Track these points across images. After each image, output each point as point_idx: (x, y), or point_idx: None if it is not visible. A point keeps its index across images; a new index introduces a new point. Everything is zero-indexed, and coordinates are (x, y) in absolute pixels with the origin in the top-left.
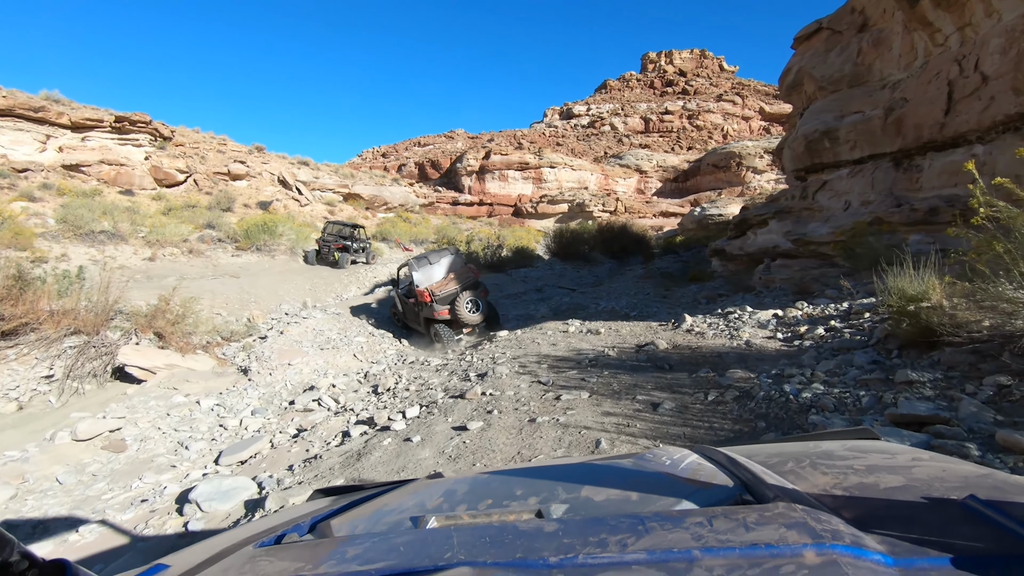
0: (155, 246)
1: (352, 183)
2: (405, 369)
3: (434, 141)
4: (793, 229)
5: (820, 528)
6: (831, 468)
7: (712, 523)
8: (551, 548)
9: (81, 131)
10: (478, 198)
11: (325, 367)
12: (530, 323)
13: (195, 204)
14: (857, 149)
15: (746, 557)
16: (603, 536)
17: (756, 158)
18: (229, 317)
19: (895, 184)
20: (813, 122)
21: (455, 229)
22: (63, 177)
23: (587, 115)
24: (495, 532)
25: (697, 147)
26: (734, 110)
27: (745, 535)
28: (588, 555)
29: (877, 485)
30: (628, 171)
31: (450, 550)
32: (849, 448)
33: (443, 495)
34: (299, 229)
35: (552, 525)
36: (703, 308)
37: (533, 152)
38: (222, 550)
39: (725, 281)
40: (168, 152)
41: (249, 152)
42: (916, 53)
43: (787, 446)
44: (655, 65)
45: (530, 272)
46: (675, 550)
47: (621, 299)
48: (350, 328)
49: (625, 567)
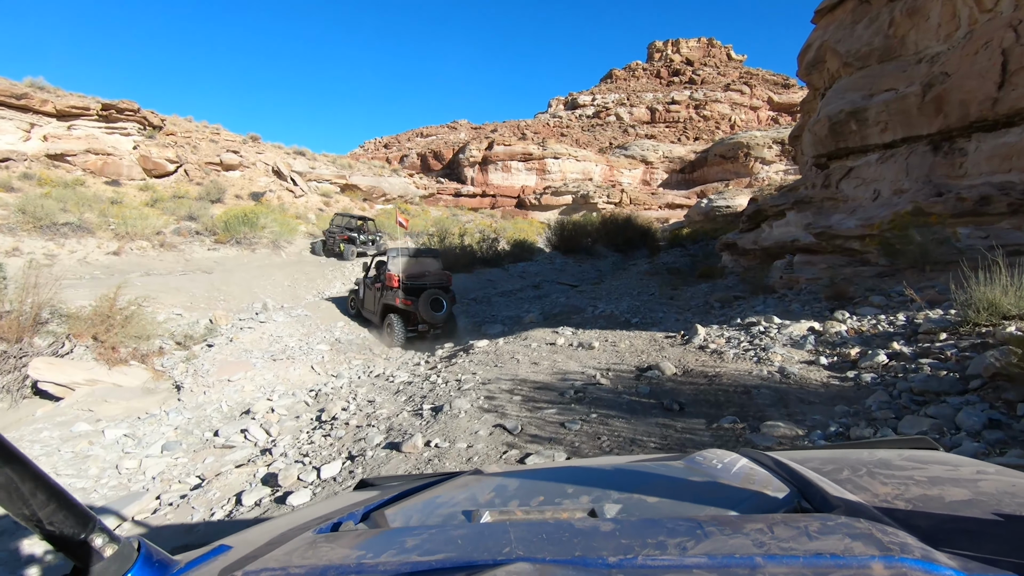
0: (124, 239)
1: (350, 174)
2: (365, 387)
3: (437, 132)
4: (815, 221)
5: (888, 540)
6: (890, 478)
7: (773, 530)
8: (609, 548)
9: (67, 119)
10: (481, 189)
11: (274, 383)
12: (517, 329)
13: (184, 195)
14: (889, 131)
15: (811, 566)
16: (661, 539)
17: (765, 148)
18: (190, 318)
19: (933, 170)
20: (838, 102)
21: (454, 221)
22: (47, 167)
23: (592, 105)
24: (551, 529)
25: (704, 137)
26: (742, 100)
27: (809, 544)
28: (648, 557)
29: (942, 498)
30: (633, 162)
31: (507, 545)
32: (907, 458)
33: (494, 490)
34: (285, 221)
35: (608, 525)
36: (717, 315)
37: (537, 143)
38: (282, 534)
39: (739, 279)
40: (158, 141)
41: (243, 142)
42: (959, 21)
43: (840, 453)
44: (662, 54)
45: (529, 267)
46: (737, 556)
47: (622, 300)
48: (315, 333)
49: (686, 571)
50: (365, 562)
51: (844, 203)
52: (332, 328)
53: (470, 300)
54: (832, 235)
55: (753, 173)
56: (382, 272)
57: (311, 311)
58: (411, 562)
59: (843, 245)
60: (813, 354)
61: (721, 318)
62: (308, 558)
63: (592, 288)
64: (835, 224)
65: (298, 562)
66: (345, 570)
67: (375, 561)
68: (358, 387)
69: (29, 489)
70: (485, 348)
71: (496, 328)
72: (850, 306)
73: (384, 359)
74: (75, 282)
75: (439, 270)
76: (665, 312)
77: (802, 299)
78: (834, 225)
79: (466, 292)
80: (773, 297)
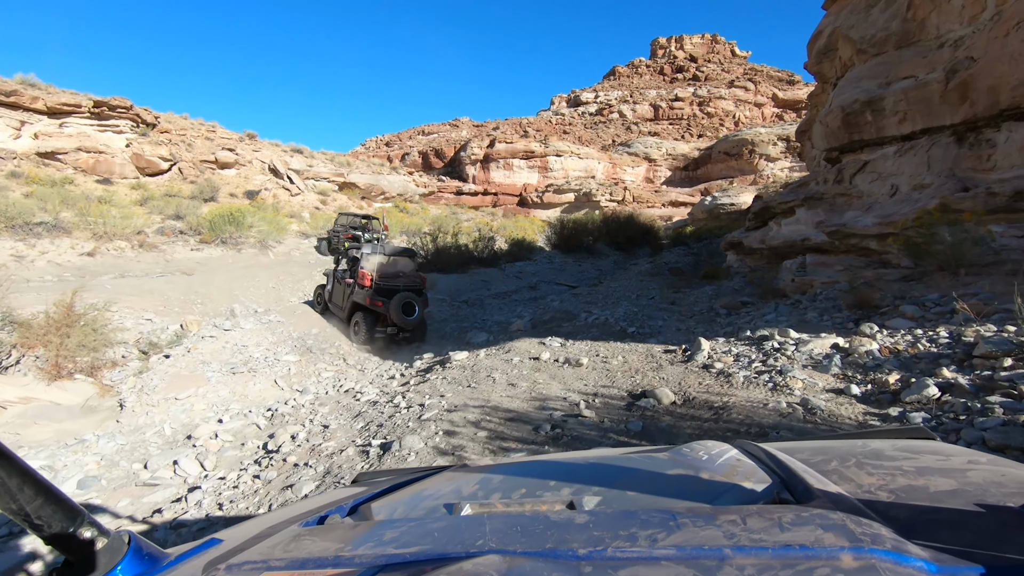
0: (103, 239)
1: (348, 172)
2: (328, 406)
3: (439, 130)
4: (827, 219)
5: (859, 531)
6: (878, 469)
7: (746, 521)
8: (581, 540)
9: (58, 117)
10: (482, 188)
11: (229, 400)
12: (502, 338)
13: (176, 193)
14: (908, 122)
15: (779, 558)
16: (634, 530)
17: (769, 145)
18: (160, 324)
19: (957, 163)
20: (852, 91)
21: (454, 219)
22: (37, 165)
23: (595, 102)
24: (527, 521)
25: (708, 135)
26: (746, 96)
27: (780, 535)
28: (617, 548)
29: (927, 488)
30: (637, 159)
31: (482, 537)
32: (900, 448)
33: (479, 483)
34: (274, 220)
35: (583, 517)
36: (723, 324)
37: (539, 140)
38: (271, 527)
39: (746, 281)
40: (151, 139)
41: (240, 139)
42: (985, 2)
43: (834, 444)
44: (665, 51)
45: (527, 266)
46: (706, 547)
47: (619, 305)
48: (285, 342)
49: (654, 562)
50: (343, 555)
51: (858, 199)
52: (306, 335)
53: (461, 302)
54: (846, 234)
55: (758, 170)
56: (354, 267)
57: (286, 316)
58: (387, 554)
59: (859, 244)
60: (841, 380)
61: (728, 328)
62: (290, 551)
63: (589, 290)
64: (849, 222)
65: (280, 555)
66: (323, 562)
67: (352, 553)
68: (321, 406)
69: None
70: (463, 362)
71: (481, 336)
72: (877, 316)
73: (359, 370)
74: (41, 285)
75: (413, 271)
76: (665, 320)
77: (819, 306)
78: (848, 223)
79: (458, 294)
80: (786, 304)
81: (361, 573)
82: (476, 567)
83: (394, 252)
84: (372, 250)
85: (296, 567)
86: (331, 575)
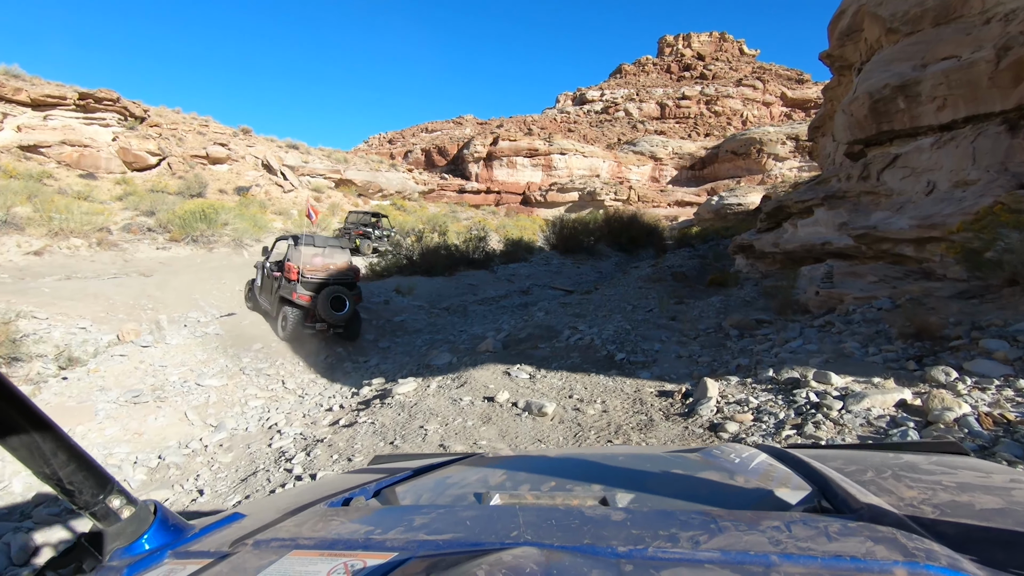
0: (58, 236)
1: (345, 168)
2: (232, 452)
3: (442, 127)
4: (851, 220)
5: (912, 546)
6: (917, 482)
7: (791, 529)
8: (619, 538)
9: (42, 109)
10: (485, 186)
11: (117, 440)
12: (465, 361)
13: (162, 189)
14: (948, 108)
15: (829, 568)
16: (673, 531)
17: (778, 144)
18: (95, 333)
19: (1010, 155)
20: (881, 75)
21: (452, 218)
22: (18, 159)
23: (601, 100)
24: (561, 515)
25: (715, 134)
26: (754, 95)
27: (828, 545)
28: (659, 548)
29: (972, 505)
30: (642, 158)
31: (516, 528)
32: (936, 462)
33: (506, 473)
34: (253, 218)
35: (619, 514)
36: (736, 352)
37: (543, 138)
38: (295, 506)
39: (758, 290)
40: (139, 133)
41: (234, 134)
42: None
43: (864, 454)
44: (672, 49)
45: (521, 268)
46: (752, 553)
47: (611, 319)
48: (216, 361)
49: (697, 565)
50: (373, 537)
51: (887, 198)
52: (244, 352)
53: (442, 310)
54: (877, 238)
55: (766, 170)
56: (283, 259)
57: (227, 328)
58: (418, 540)
59: (891, 250)
60: None
61: (742, 359)
62: (318, 530)
63: (580, 299)
64: (880, 224)
65: (308, 533)
66: (353, 544)
67: (383, 537)
68: (226, 452)
69: (50, 449)
70: (404, 399)
71: (444, 358)
72: (948, 354)
73: (297, 396)
74: None
75: (346, 264)
76: (664, 342)
77: (858, 332)
78: (879, 225)
79: (439, 299)
80: (812, 326)
81: (395, 557)
82: (515, 559)
83: (326, 244)
84: (301, 241)
85: (326, 547)
86: (361, 557)
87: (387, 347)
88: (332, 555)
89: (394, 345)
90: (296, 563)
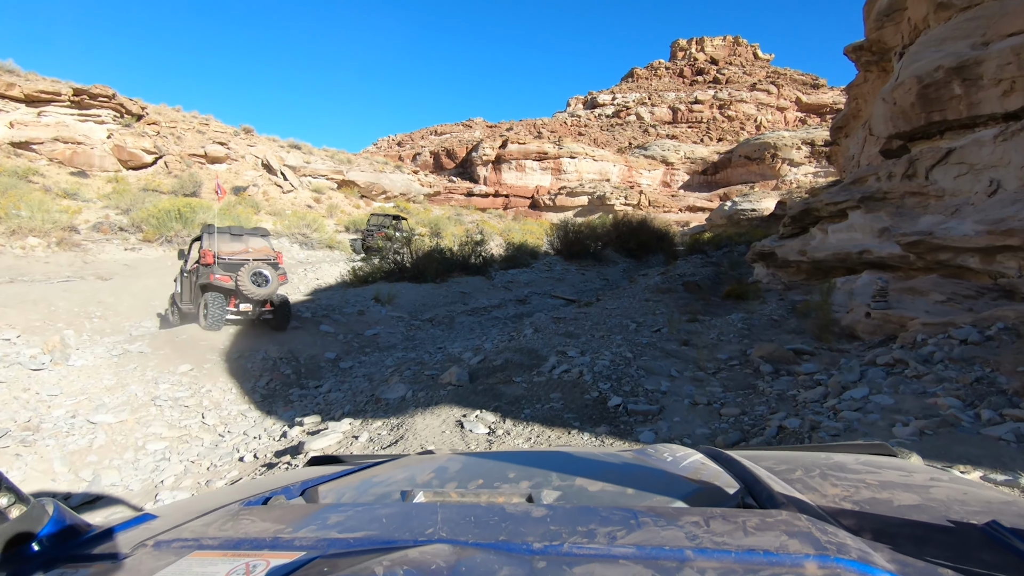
0: (15, 236)
1: (347, 169)
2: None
3: (451, 130)
4: (895, 225)
5: (825, 540)
6: (842, 480)
7: (709, 524)
8: (537, 534)
9: (36, 105)
10: (493, 189)
11: None
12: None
13: (155, 188)
14: (1017, 93)
15: (742, 562)
16: (592, 527)
17: (793, 149)
18: (20, 346)
19: None
20: (933, 56)
21: (455, 220)
22: (8, 155)
23: (612, 104)
24: (481, 512)
25: (728, 138)
26: (768, 100)
27: (743, 539)
28: (574, 544)
29: (891, 502)
30: (653, 162)
31: (433, 526)
32: (863, 462)
33: (435, 471)
34: (240, 218)
35: (541, 511)
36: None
37: (553, 142)
38: (210, 506)
39: (786, 307)
40: (135, 131)
41: (235, 134)
42: None
43: (797, 454)
44: (685, 53)
45: (520, 274)
46: (666, 548)
47: (610, 341)
48: (123, 388)
49: (611, 560)
50: (282, 536)
51: (938, 199)
52: (166, 375)
53: (424, 321)
54: (934, 246)
55: (780, 175)
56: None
57: (157, 344)
58: (329, 539)
59: (950, 261)
60: None
61: (783, 412)
62: (226, 530)
63: (577, 314)
64: (937, 230)
65: (214, 533)
66: (259, 543)
67: (292, 536)
68: None
69: None
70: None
71: (398, 391)
72: None
73: (217, 436)
74: None
75: (265, 248)
76: (674, 378)
77: (947, 378)
78: (935, 231)
79: (422, 309)
80: (877, 365)
81: (300, 557)
82: (423, 555)
83: (242, 232)
84: (213, 230)
85: (230, 547)
86: (266, 557)
87: (349, 367)
88: (235, 555)
89: (358, 365)
90: (195, 564)
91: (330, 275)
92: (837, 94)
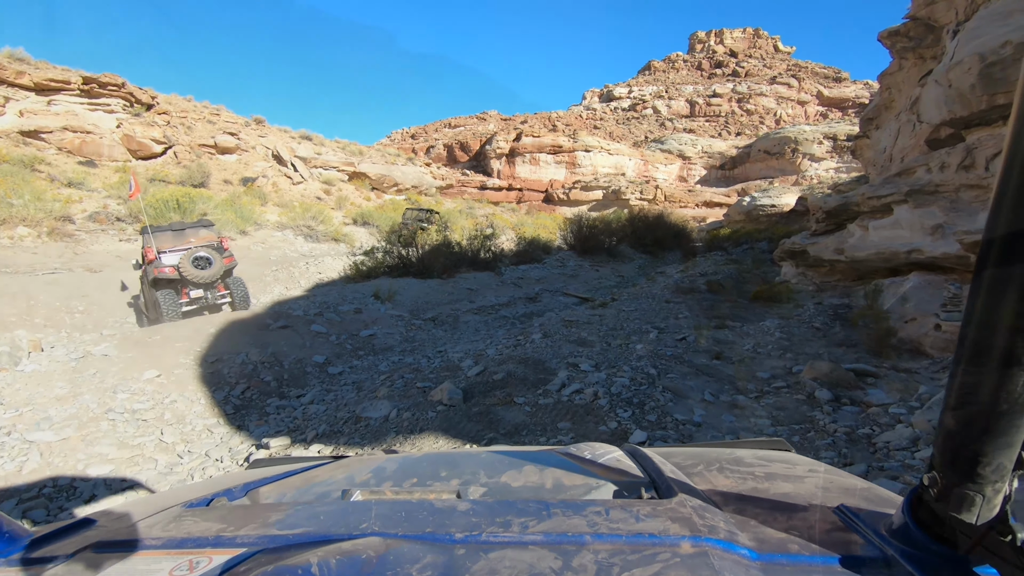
0: (4, 225)
1: (359, 161)
2: None
3: (466, 123)
4: (950, 221)
5: (701, 523)
6: (735, 472)
7: (609, 512)
8: (459, 525)
9: (46, 94)
10: (507, 183)
11: None
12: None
13: (163, 178)
14: None
15: (630, 544)
16: (509, 518)
17: (814, 144)
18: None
19: None
20: (998, 30)
21: (467, 214)
22: (17, 144)
23: (628, 98)
24: (412, 508)
25: (747, 132)
26: (789, 94)
27: (634, 525)
28: (491, 534)
29: (769, 490)
30: (670, 157)
31: (367, 521)
32: (759, 456)
33: (373, 471)
34: (242, 209)
35: (465, 505)
36: (838, 442)
37: (568, 135)
38: (153, 509)
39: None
40: (145, 120)
41: (246, 124)
42: None
43: (707, 451)
44: (704, 45)
45: (532, 270)
46: (569, 534)
47: (627, 353)
48: (75, 398)
49: (522, 546)
50: (224, 534)
51: None
52: (128, 383)
53: (426, 320)
54: None
55: (800, 170)
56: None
57: (124, 348)
58: (270, 535)
59: None
60: None
61: (857, 457)
62: (169, 530)
63: (591, 316)
64: None
65: (157, 534)
66: (202, 542)
67: (234, 534)
68: None
69: None
70: None
71: (381, 408)
72: None
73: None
74: None
75: (211, 236)
76: (708, 404)
77: None
78: None
79: (425, 308)
80: None
81: (242, 553)
82: (355, 547)
83: (183, 226)
84: (152, 229)
85: (173, 547)
86: (208, 554)
87: (339, 373)
88: (178, 554)
89: (348, 371)
90: (139, 563)
91: (333, 269)
92: (860, 87)
